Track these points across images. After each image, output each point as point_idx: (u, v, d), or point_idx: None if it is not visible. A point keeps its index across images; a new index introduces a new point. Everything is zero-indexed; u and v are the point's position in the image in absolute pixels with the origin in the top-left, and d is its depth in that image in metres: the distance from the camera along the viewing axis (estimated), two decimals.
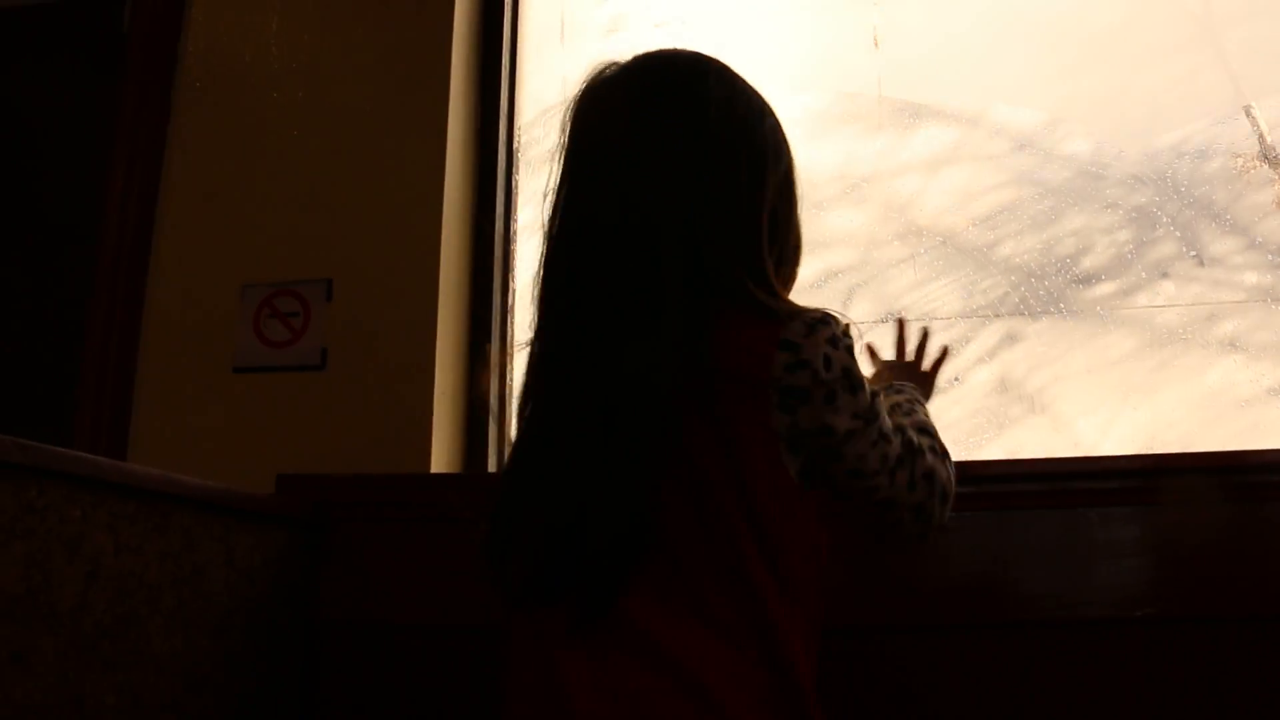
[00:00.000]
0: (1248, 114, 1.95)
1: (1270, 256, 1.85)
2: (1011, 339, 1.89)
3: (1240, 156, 1.93)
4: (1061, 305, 1.89)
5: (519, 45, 2.13)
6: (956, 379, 1.87)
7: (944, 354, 1.38)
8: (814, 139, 2.04)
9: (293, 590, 1.44)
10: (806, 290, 1.91)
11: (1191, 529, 1.33)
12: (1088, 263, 1.92)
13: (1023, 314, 1.89)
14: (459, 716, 1.41)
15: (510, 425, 1.89)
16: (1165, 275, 1.89)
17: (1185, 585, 1.32)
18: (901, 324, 1.40)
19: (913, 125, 2.04)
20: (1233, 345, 1.83)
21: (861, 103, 2.08)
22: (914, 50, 2.08)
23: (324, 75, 1.97)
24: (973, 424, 1.84)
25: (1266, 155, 1.93)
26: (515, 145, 2.09)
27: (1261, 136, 1.94)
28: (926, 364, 1.36)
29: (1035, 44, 2.04)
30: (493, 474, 1.80)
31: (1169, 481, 1.38)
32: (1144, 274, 1.89)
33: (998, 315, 1.90)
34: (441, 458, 1.74)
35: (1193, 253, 1.88)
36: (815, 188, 1.98)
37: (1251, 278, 1.86)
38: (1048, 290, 1.90)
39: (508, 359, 1.94)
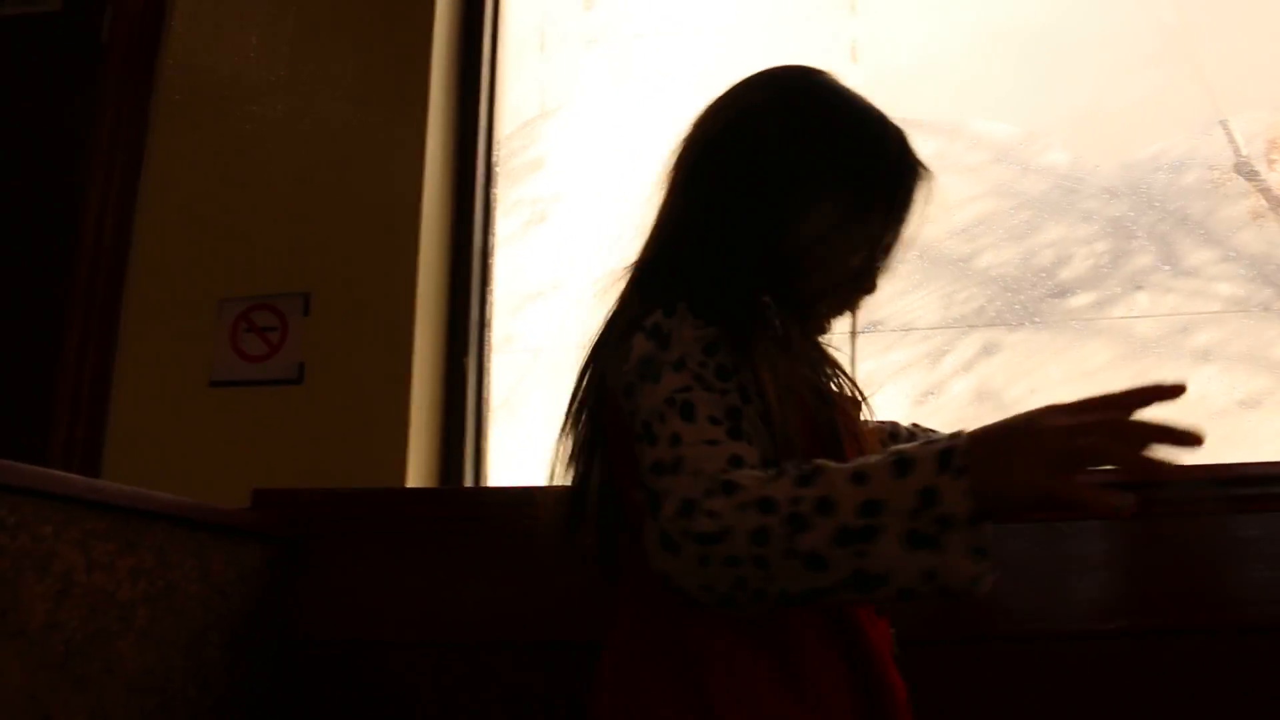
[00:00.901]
0: (1223, 127, 1.97)
1: (1244, 269, 1.87)
2: (990, 350, 1.89)
3: (1216, 169, 1.94)
4: (1039, 316, 1.89)
5: (499, 58, 2.13)
6: (932, 394, 1.87)
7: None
8: None
9: (268, 606, 1.43)
10: None
11: (1164, 541, 1.34)
12: (1065, 274, 1.93)
13: (1001, 325, 1.90)
14: None
15: (488, 439, 1.90)
16: (1141, 287, 1.90)
17: (1157, 597, 1.33)
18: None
19: None
20: (1208, 356, 1.84)
21: None
22: (893, 63, 2.09)
23: (303, 89, 1.97)
24: None
25: (1241, 169, 1.94)
26: (494, 158, 2.09)
27: (1237, 150, 1.95)
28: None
29: (1013, 57, 2.06)
30: (469, 489, 1.80)
31: (1142, 494, 1.38)
32: (1120, 285, 1.90)
33: (976, 326, 1.91)
34: (418, 472, 1.73)
35: (1168, 265, 1.90)
36: None
37: (1226, 289, 1.87)
38: (1026, 301, 1.90)
39: (485, 372, 1.93)
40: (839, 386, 1.03)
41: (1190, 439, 0.67)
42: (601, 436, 0.98)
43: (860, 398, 1.05)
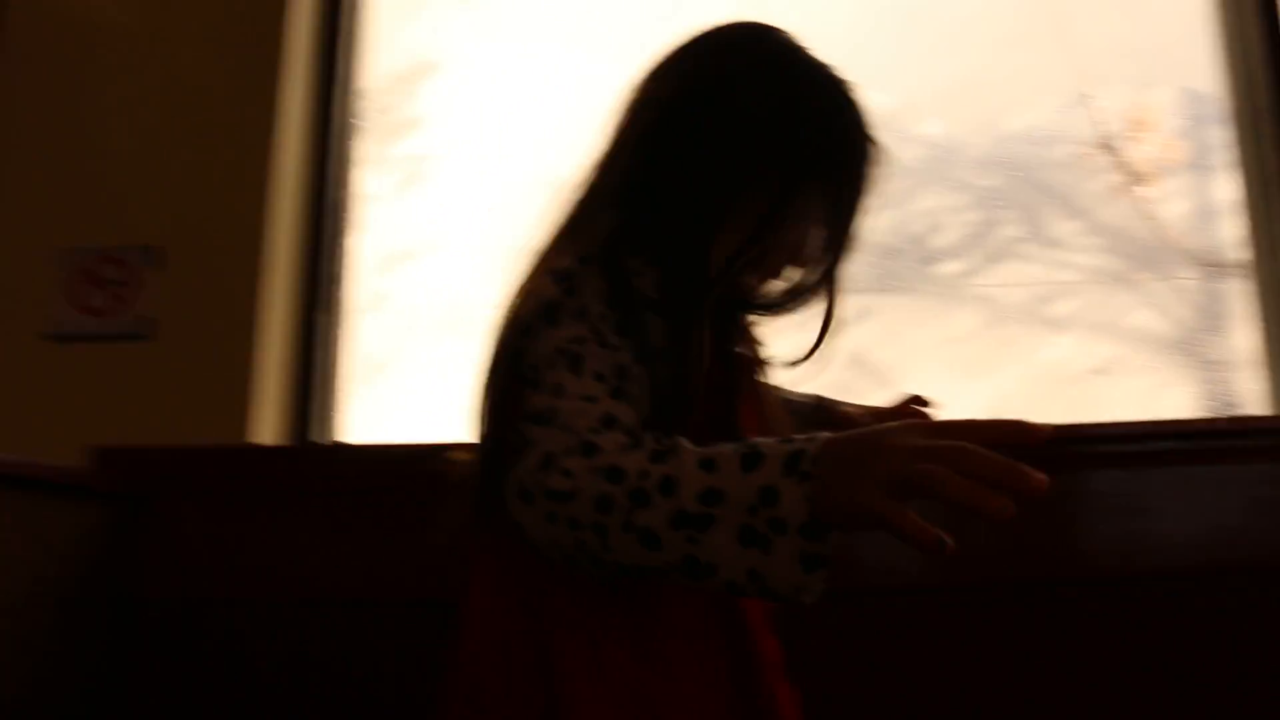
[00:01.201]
0: (1087, 105, 2.03)
1: (1103, 241, 1.93)
2: (862, 315, 1.92)
3: (1081, 145, 2.00)
4: (912, 282, 1.93)
5: (368, 14, 2.07)
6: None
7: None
8: None
9: (109, 567, 1.37)
10: None
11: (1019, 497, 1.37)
12: (937, 241, 1.96)
13: (875, 290, 1.93)
14: (282, 690, 1.37)
15: (338, 395, 1.87)
16: (1009, 256, 1.95)
17: (1012, 552, 1.36)
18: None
19: None
20: (1068, 324, 1.90)
21: None
22: None
23: (158, 36, 1.88)
24: None
25: (1103, 144, 2.01)
26: (355, 113, 2.03)
27: (1100, 126, 2.01)
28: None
29: (891, 30, 2.08)
30: (319, 446, 1.77)
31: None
32: (989, 254, 1.95)
33: (851, 291, 1.93)
34: (268, 430, 1.70)
35: (1034, 236, 1.95)
36: None
37: (1086, 260, 1.93)
38: (898, 268, 1.93)
39: (338, 328, 1.89)
40: (751, 353, 1.00)
41: (1030, 485, 0.63)
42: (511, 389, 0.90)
43: (763, 365, 1.03)
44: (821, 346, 0.99)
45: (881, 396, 1.46)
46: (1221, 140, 1.93)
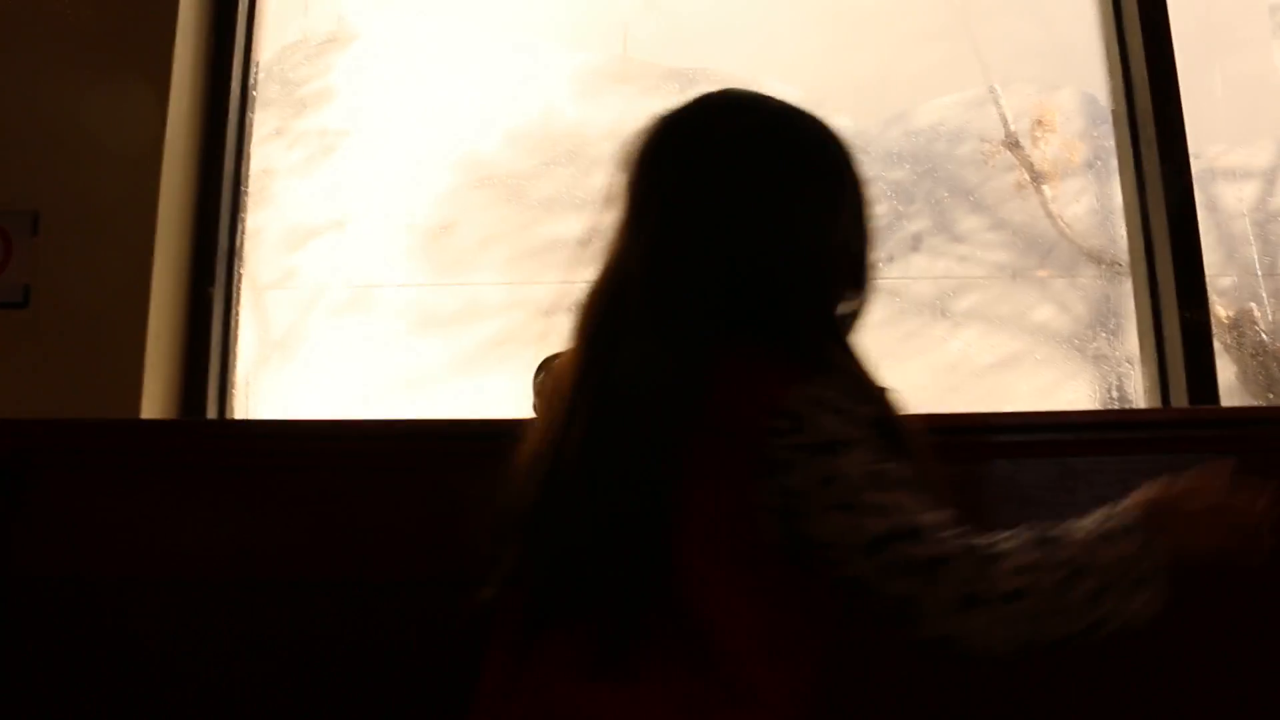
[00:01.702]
0: (995, 102, 2.07)
1: (1009, 237, 1.97)
2: None
3: (988, 142, 2.04)
4: None
5: None
6: None
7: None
8: (589, 96, 2.02)
9: None
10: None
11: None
12: None
13: None
14: (169, 675, 1.33)
15: (233, 370, 1.82)
16: (917, 249, 1.98)
17: None
18: None
19: (687, 91, 2.05)
20: (974, 317, 1.94)
21: (637, 66, 2.09)
22: (688, 12, 2.10)
23: None
24: None
25: (1009, 142, 2.05)
26: (251, 83, 1.97)
27: (1005, 122, 2.06)
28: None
29: (802, 24, 2.10)
30: (211, 420, 1.73)
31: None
32: (898, 247, 1.97)
33: None
34: (155, 403, 1.64)
35: (942, 230, 1.98)
36: (588, 144, 1.97)
37: (992, 256, 1.98)
38: None
39: (233, 303, 1.85)
40: None
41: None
42: (676, 482, 0.88)
43: None
44: None
45: None
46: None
